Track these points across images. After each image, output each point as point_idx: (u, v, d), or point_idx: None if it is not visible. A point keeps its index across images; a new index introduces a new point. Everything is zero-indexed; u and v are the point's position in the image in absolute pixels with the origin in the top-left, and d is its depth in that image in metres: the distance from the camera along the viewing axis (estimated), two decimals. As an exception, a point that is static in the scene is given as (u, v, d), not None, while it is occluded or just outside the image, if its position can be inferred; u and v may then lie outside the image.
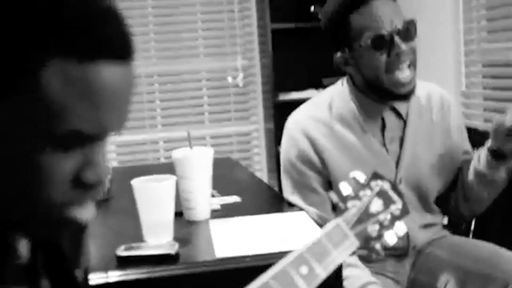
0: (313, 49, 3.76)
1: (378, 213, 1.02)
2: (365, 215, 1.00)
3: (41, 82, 0.62)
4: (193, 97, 4.07)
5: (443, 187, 1.79)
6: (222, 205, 1.74)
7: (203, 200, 1.60)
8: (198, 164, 1.58)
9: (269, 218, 1.58)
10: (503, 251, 1.63)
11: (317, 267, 0.87)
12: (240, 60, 4.08)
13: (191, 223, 1.59)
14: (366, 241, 1.00)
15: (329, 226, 0.94)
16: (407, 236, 1.72)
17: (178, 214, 1.55)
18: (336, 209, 1.02)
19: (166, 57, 4.02)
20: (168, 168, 1.68)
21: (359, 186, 1.04)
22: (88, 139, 0.68)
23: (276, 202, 1.83)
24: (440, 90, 1.85)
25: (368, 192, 1.03)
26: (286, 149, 1.75)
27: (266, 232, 1.46)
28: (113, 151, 3.87)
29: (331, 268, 0.89)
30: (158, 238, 1.40)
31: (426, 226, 1.77)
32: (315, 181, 1.70)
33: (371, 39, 1.59)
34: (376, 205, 1.02)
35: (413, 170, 1.72)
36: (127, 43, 0.68)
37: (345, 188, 1.03)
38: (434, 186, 1.76)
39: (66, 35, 0.63)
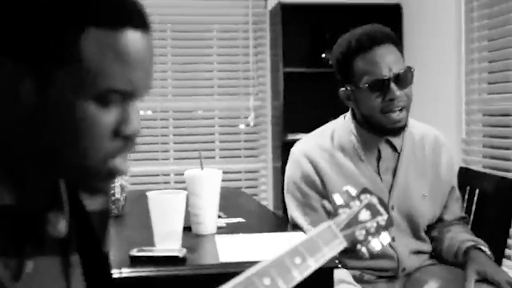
0: (323, 93, 3.92)
1: (366, 221, 1.15)
2: (354, 221, 1.13)
3: (81, 49, 0.78)
4: (206, 133, 4.23)
5: (432, 217, 1.93)
6: (227, 224, 1.88)
7: (210, 216, 1.74)
8: (207, 183, 1.73)
9: (271, 236, 1.72)
10: None
11: (309, 259, 0.99)
12: (253, 100, 4.26)
13: (199, 236, 1.72)
14: (353, 243, 1.12)
15: (322, 227, 1.08)
16: (397, 259, 1.86)
17: (187, 229, 1.69)
18: (329, 217, 1.16)
19: (182, 94, 4.21)
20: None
21: (350, 198, 1.17)
22: (123, 96, 0.82)
23: (279, 224, 1.97)
24: (435, 131, 2.01)
25: (357, 203, 1.17)
26: (291, 171, 1.91)
27: (268, 245, 1.59)
28: (127, 180, 4.01)
29: (321, 262, 1.02)
30: (167, 245, 1.54)
31: (416, 252, 1.90)
32: (316, 201, 1.84)
33: (369, 83, 1.77)
34: (364, 214, 1.16)
35: (404, 198, 1.87)
36: (145, 16, 0.84)
37: (338, 199, 1.16)
38: (425, 215, 1.91)
39: (98, 8, 0.79)
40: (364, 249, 1.14)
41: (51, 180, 0.89)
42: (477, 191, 2.11)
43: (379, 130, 1.83)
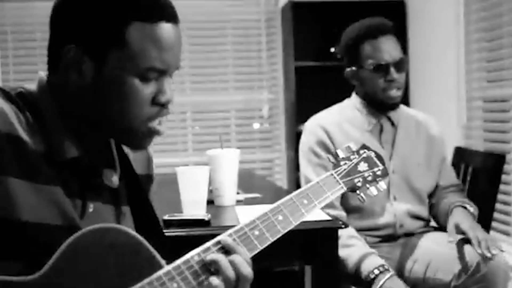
0: (332, 85, 4.12)
1: (364, 171, 1.36)
2: (353, 171, 1.34)
3: (127, 37, 1.03)
4: (222, 125, 4.47)
5: (430, 185, 2.21)
6: (245, 198, 2.11)
7: (230, 189, 1.98)
8: (226, 159, 1.97)
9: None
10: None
11: (314, 200, 1.22)
12: (266, 94, 4.50)
13: (220, 207, 1.96)
14: (352, 189, 1.33)
15: (325, 175, 1.29)
16: (394, 215, 2.14)
17: (210, 202, 1.93)
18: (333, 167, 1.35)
19: (199, 89, 4.45)
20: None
21: (351, 152, 1.38)
22: (159, 73, 1.07)
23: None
24: (428, 116, 2.33)
25: (357, 156, 1.37)
26: (306, 139, 2.21)
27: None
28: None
29: (324, 203, 1.24)
30: (194, 211, 1.78)
31: (414, 216, 2.17)
32: (328, 162, 2.08)
33: (374, 65, 2.12)
34: (363, 166, 1.36)
35: (402, 164, 2.17)
36: (175, 11, 1.09)
37: (340, 153, 1.37)
38: (424, 181, 2.20)
39: (141, 6, 1.04)
40: (362, 194, 1.34)
41: (105, 139, 1.14)
42: (470, 168, 2.34)
43: (379, 105, 2.18)
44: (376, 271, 1.90)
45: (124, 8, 1.04)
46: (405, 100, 2.86)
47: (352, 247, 1.97)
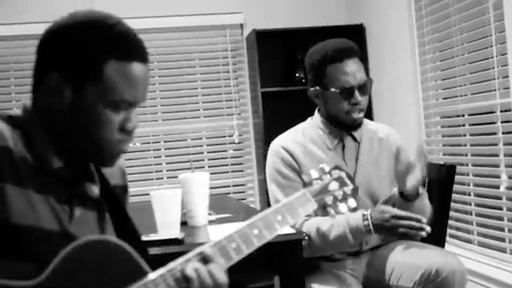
0: (298, 108, 4.26)
1: (334, 190, 1.47)
2: (324, 190, 1.46)
3: (104, 73, 1.18)
4: (194, 152, 4.61)
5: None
6: (217, 218, 2.24)
7: (202, 210, 2.11)
8: (198, 181, 2.10)
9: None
10: (429, 248, 2.15)
11: (288, 216, 1.34)
12: (236, 120, 4.66)
13: (194, 227, 2.09)
14: (323, 206, 1.45)
15: (298, 193, 1.41)
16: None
17: (184, 224, 2.06)
18: (305, 186, 1.46)
19: (171, 118, 4.59)
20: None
21: (323, 172, 1.49)
22: (129, 105, 1.22)
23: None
24: (388, 127, 2.43)
25: (328, 176, 1.48)
26: (272, 161, 2.28)
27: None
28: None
29: (297, 219, 1.38)
30: (168, 231, 1.91)
31: None
32: (296, 182, 2.19)
33: (339, 88, 2.18)
34: (334, 185, 1.47)
35: (366, 179, 2.24)
36: (147, 52, 1.25)
37: (314, 173, 1.48)
38: (385, 194, 2.26)
39: (118, 47, 1.19)
40: (332, 211, 1.46)
41: (82, 155, 1.28)
42: (426, 180, 2.48)
43: (342, 126, 2.25)
44: (366, 222, 2.04)
45: (104, 47, 1.19)
46: (368, 118, 2.94)
47: (333, 225, 2.08)
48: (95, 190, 1.29)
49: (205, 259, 1.19)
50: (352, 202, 1.48)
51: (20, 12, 4.26)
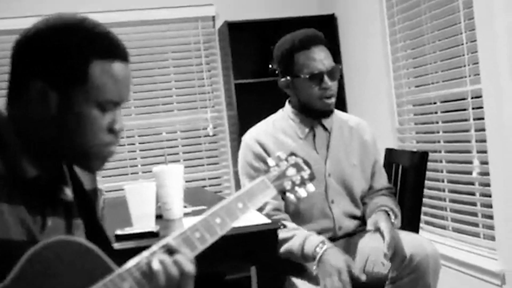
0: (271, 100, 4.28)
1: (292, 175, 1.51)
2: (282, 176, 1.49)
3: (89, 74, 1.17)
4: (169, 146, 4.59)
5: (364, 184, 2.35)
6: (192, 210, 2.24)
7: (177, 202, 2.11)
8: (172, 175, 2.09)
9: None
10: (403, 234, 2.16)
11: (248, 203, 1.37)
12: (210, 112, 4.65)
13: (169, 220, 2.09)
14: (282, 192, 1.48)
15: (257, 180, 1.44)
16: (333, 218, 2.27)
17: (159, 217, 2.05)
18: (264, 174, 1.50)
19: (145, 112, 4.57)
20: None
21: (279, 160, 1.53)
22: (114, 105, 1.21)
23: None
24: (359, 118, 2.46)
25: (285, 163, 1.52)
26: (244, 154, 2.32)
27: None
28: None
29: (257, 205, 1.39)
30: (143, 225, 1.90)
31: (351, 216, 2.31)
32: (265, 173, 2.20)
33: (309, 74, 2.22)
34: (291, 171, 1.52)
35: (337, 167, 2.29)
36: (127, 52, 1.25)
37: (271, 161, 1.52)
38: (357, 183, 2.31)
39: (101, 47, 1.19)
40: (292, 196, 1.50)
41: (60, 161, 1.27)
42: (400, 167, 2.52)
43: (314, 113, 2.29)
44: (318, 249, 2.04)
45: (87, 48, 1.18)
46: (342, 108, 2.99)
47: (293, 237, 2.12)
48: (68, 192, 1.28)
49: (170, 251, 1.20)
50: (310, 187, 1.52)
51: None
